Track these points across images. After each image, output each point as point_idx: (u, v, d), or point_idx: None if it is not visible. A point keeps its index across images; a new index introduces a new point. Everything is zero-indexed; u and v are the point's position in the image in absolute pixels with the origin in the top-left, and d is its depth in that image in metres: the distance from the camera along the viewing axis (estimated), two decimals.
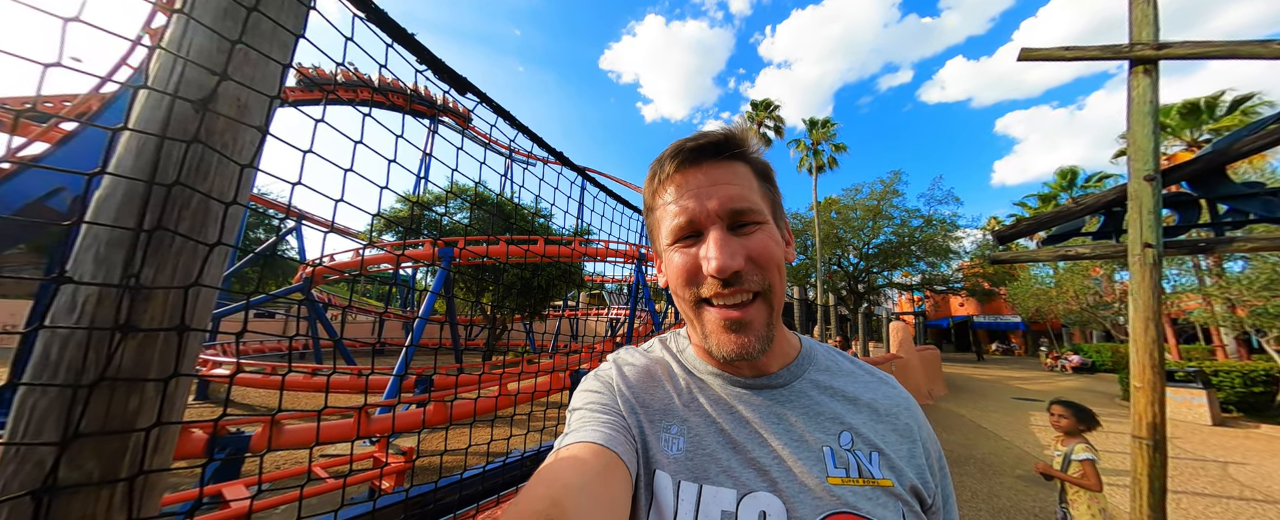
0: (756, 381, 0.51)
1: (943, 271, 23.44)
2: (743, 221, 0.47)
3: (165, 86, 0.56)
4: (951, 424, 7.33)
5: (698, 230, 0.47)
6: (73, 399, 0.47)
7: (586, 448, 0.43)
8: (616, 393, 0.52)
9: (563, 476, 0.39)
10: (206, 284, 0.58)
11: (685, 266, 0.47)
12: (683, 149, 0.49)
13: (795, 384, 0.52)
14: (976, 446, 5.85)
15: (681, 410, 0.50)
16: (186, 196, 0.56)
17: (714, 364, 0.53)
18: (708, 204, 0.46)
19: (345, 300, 16.95)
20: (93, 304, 0.49)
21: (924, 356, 11.32)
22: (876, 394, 0.53)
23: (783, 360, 0.53)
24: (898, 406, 0.53)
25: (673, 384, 0.53)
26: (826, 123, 23.21)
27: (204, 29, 0.58)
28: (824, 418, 0.49)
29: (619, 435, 0.46)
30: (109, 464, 0.49)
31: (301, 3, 0.69)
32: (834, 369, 0.55)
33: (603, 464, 0.41)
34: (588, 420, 0.48)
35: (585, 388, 0.54)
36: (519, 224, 9.67)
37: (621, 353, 0.59)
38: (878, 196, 22.53)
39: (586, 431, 0.45)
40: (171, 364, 0.54)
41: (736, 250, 0.45)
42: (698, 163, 0.48)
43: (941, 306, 32.23)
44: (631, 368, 0.55)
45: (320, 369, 7.98)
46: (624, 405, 0.50)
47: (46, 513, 0.44)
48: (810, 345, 0.57)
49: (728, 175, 0.48)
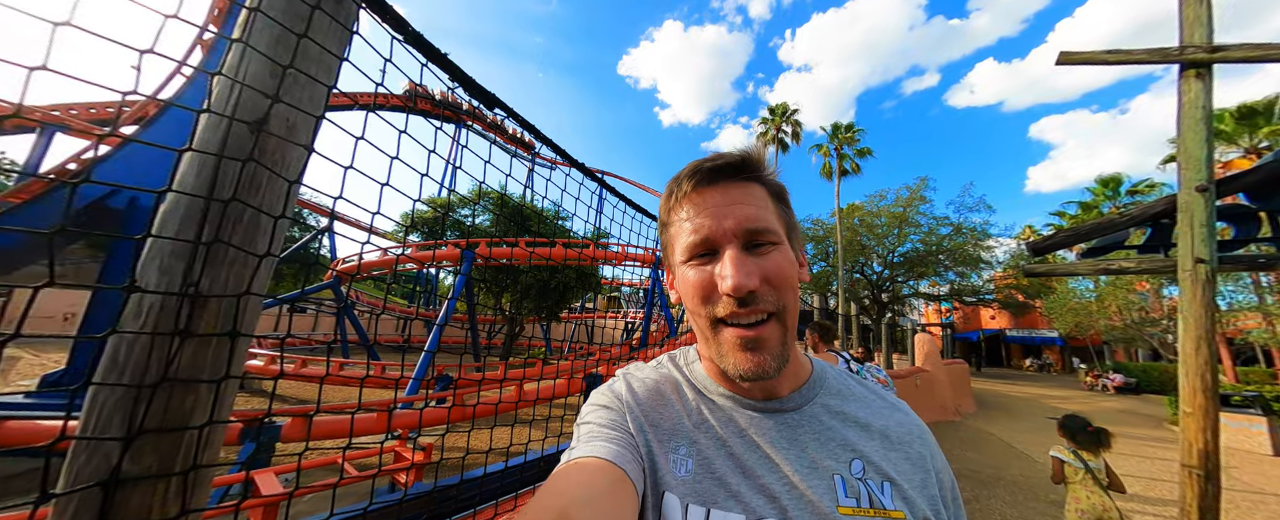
0: (768, 405, 0.51)
1: (973, 282, 22.54)
2: (758, 241, 0.47)
3: (224, 109, 0.61)
4: (980, 443, 6.99)
5: (713, 248, 0.48)
6: (137, 398, 0.52)
7: (595, 463, 0.43)
8: (626, 410, 0.52)
9: (572, 489, 0.39)
10: (256, 293, 0.62)
11: (700, 283, 0.47)
12: (701, 168, 0.49)
13: (807, 408, 0.51)
14: (1007, 468, 5.58)
15: (690, 430, 0.50)
16: (240, 211, 0.60)
17: (725, 384, 0.52)
18: (724, 223, 0.47)
19: (371, 297, 17.56)
20: (156, 311, 0.54)
21: (951, 371, 10.87)
22: (888, 420, 0.52)
23: (794, 383, 0.53)
24: (910, 434, 0.52)
25: (682, 403, 0.53)
26: (849, 127, 22.76)
27: (259, 56, 0.63)
28: (835, 444, 0.48)
29: (627, 453, 0.46)
30: (166, 459, 0.53)
31: (345, 28, 0.74)
32: (845, 393, 0.54)
33: (611, 480, 0.41)
34: (597, 434, 0.48)
35: (595, 402, 0.54)
36: (538, 227, 9.83)
37: (632, 368, 0.59)
38: (904, 203, 21.88)
39: (595, 446, 0.45)
40: (224, 367, 0.58)
41: (752, 270, 0.45)
42: (715, 182, 0.49)
43: (971, 319, 30.94)
44: (642, 384, 0.55)
45: (347, 363, 8.28)
46: (633, 423, 0.50)
47: (111, 502, 0.49)
48: (822, 368, 0.57)
49: (744, 195, 0.48)
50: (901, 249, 22.45)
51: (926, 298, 24.88)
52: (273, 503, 3.04)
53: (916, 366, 10.02)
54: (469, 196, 10.67)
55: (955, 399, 10.44)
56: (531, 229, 9.66)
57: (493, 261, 8.79)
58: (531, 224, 9.94)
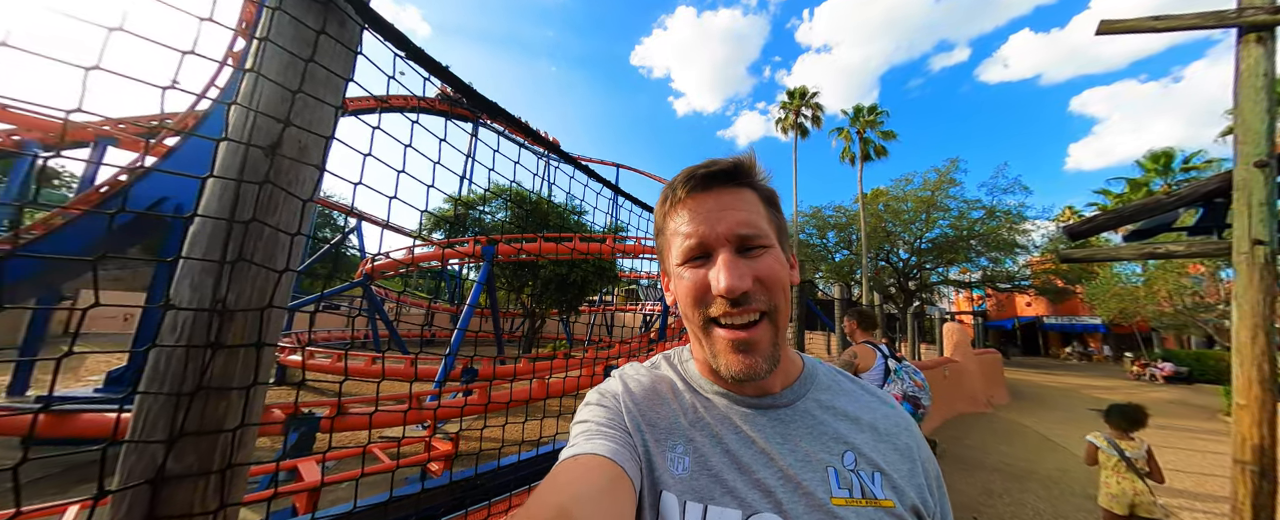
0: (761, 401, 0.52)
1: (1007, 268, 21.51)
2: (750, 245, 0.49)
3: (240, 137, 0.65)
4: (1014, 435, 6.71)
5: (707, 251, 0.49)
6: (176, 405, 0.57)
7: (594, 460, 0.44)
8: (623, 409, 0.53)
9: (572, 486, 0.40)
10: (278, 306, 0.67)
11: (694, 286, 0.49)
12: (694, 175, 0.51)
13: (799, 403, 0.53)
14: (1041, 461, 5.37)
15: (687, 429, 0.51)
16: (259, 230, 0.65)
17: (719, 383, 0.54)
18: (718, 227, 0.48)
19: (398, 293, 18.23)
20: (190, 325, 0.59)
21: (983, 361, 10.48)
22: (876, 414, 0.54)
23: (786, 380, 0.54)
24: (897, 426, 0.53)
25: (678, 402, 0.54)
26: (872, 110, 21.87)
27: (270, 83, 0.67)
28: (827, 437, 0.50)
29: (625, 451, 0.47)
30: (205, 458, 0.59)
31: (350, 49, 0.77)
32: (835, 388, 0.56)
33: (610, 477, 0.42)
34: (595, 433, 0.49)
35: (591, 402, 0.55)
36: (555, 222, 9.96)
37: (627, 369, 0.61)
38: (932, 186, 20.97)
39: (594, 444, 0.46)
40: (252, 374, 0.64)
41: (744, 272, 0.47)
42: (708, 188, 0.51)
43: (1005, 306, 29.59)
44: (638, 384, 0.56)
45: (378, 358, 8.66)
46: (630, 422, 0.51)
47: (158, 498, 0.54)
48: (812, 364, 0.59)
49: (736, 201, 0.50)
50: (930, 235, 21.62)
51: (957, 285, 23.93)
52: (312, 489, 3.25)
53: (945, 357, 9.70)
54: (489, 193, 10.92)
55: (987, 390, 10.08)
56: (550, 224, 9.80)
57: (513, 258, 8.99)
58: (550, 219, 10.07)
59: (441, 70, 0.89)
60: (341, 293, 12.69)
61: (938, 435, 6.13)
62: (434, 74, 0.89)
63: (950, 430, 6.74)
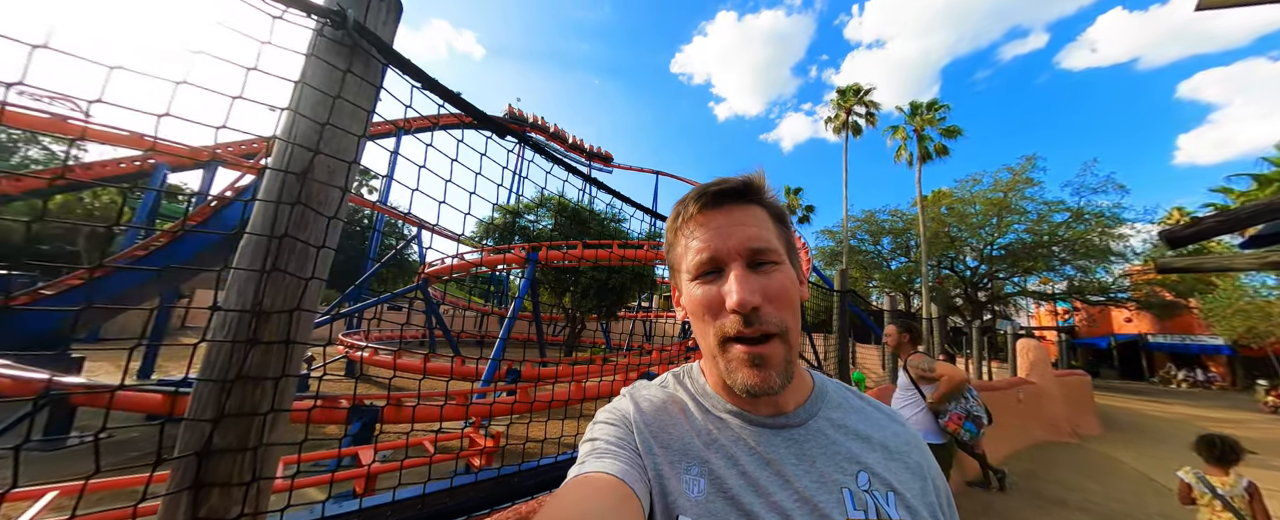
0: (775, 421, 0.52)
1: (1099, 278, 18.98)
2: (761, 261, 0.49)
3: (279, 165, 0.77)
4: (1106, 472, 5.78)
5: (719, 266, 0.50)
6: (221, 390, 0.69)
7: (604, 479, 0.44)
8: (633, 430, 0.52)
9: (580, 505, 0.40)
10: (306, 309, 0.78)
11: (706, 300, 0.49)
12: (706, 192, 0.53)
13: (812, 423, 0.52)
14: (1140, 504, 4.58)
15: (701, 450, 0.50)
16: (292, 244, 0.76)
17: (733, 402, 0.53)
18: (729, 242, 0.49)
19: (455, 297, 19.47)
20: (234, 324, 0.71)
21: (1067, 383, 9.29)
22: (887, 432, 0.54)
23: (798, 399, 0.54)
24: (908, 445, 0.53)
25: (690, 423, 0.53)
26: (933, 105, 20.28)
27: (304, 119, 0.79)
28: (841, 457, 0.50)
29: (635, 472, 0.47)
30: (242, 437, 0.70)
31: (372, 85, 0.88)
32: (846, 406, 0.56)
33: (620, 497, 0.42)
34: (605, 451, 0.49)
35: (601, 420, 0.55)
36: (595, 229, 10.22)
37: (637, 387, 0.60)
38: (1004, 187, 19.02)
39: (604, 463, 0.46)
40: (282, 367, 0.75)
41: (756, 287, 0.47)
42: (719, 205, 0.52)
43: (1099, 321, 25.98)
44: (649, 404, 0.56)
45: (432, 356, 9.29)
46: (641, 443, 0.51)
47: (204, 468, 0.66)
48: (823, 382, 0.59)
49: (747, 217, 0.51)
50: (1002, 240, 19.62)
51: (1037, 296, 21.43)
52: (371, 473, 3.57)
53: (1018, 377, 8.72)
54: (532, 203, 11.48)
55: (1072, 417, 8.90)
56: (590, 231, 10.08)
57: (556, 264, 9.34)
58: (590, 226, 10.36)
59: (453, 97, 0.98)
60: (403, 295, 13.81)
61: (1008, 465, 5.48)
62: (447, 100, 0.98)
63: (1024, 461, 6.01)
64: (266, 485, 0.74)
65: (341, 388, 9.56)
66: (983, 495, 4.50)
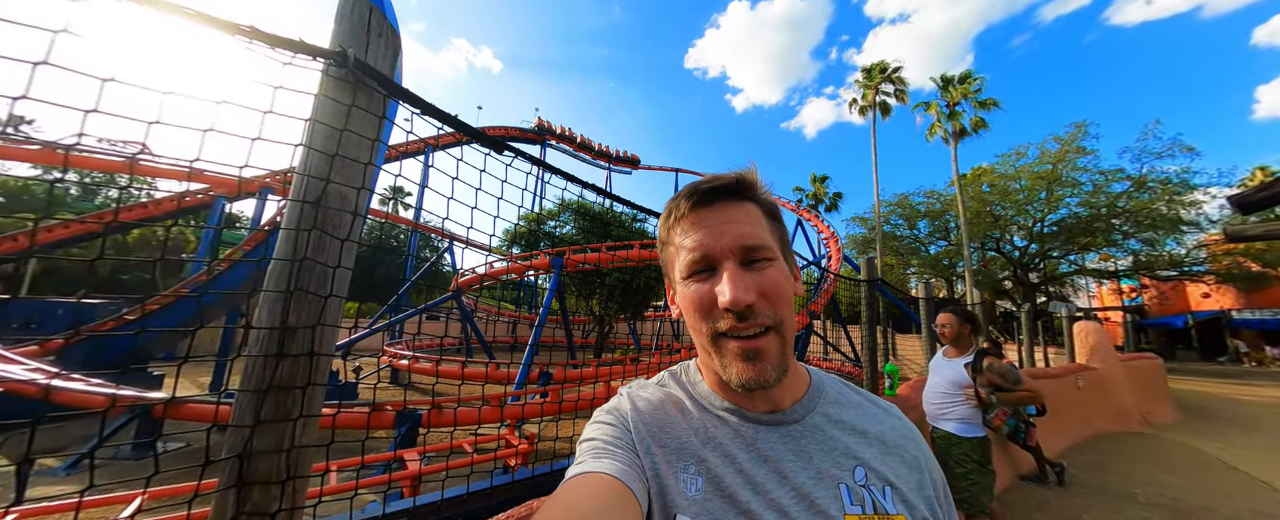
0: (771, 417, 0.52)
1: (1170, 250, 17.27)
2: (754, 258, 0.49)
3: (299, 196, 0.86)
4: (1183, 463, 5.25)
5: (712, 265, 0.50)
6: (258, 399, 0.77)
7: (602, 479, 0.44)
8: (631, 429, 0.53)
9: (578, 504, 0.40)
10: (327, 324, 0.86)
11: (700, 299, 0.49)
12: (697, 190, 0.53)
13: (808, 419, 0.52)
14: (1222, 499, 4.11)
15: (698, 448, 0.50)
16: (311, 266, 0.85)
17: (729, 399, 0.54)
18: (722, 240, 0.49)
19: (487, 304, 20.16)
20: (265, 340, 0.80)
21: (1134, 368, 8.55)
22: (883, 425, 0.54)
23: (795, 394, 0.54)
24: (904, 438, 0.53)
25: (688, 421, 0.53)
26: (966, 78, 19.16)
27: (316, 153, 0.87)
28: (837, 453, 0.50)
29: (632, 471, 0.47)
30: (277, 440, 0.78)
31: (376, 115, 0.96)
32: (842, 401, 0.56)
33: (618, 496, 0.42)
34: (602, 452, 0.49)
35: (599, 420, 0.55)
36: (617, 232, 10.33)
37: (634, 386, 0.60)
38: (1053, 158, 17.64)
39: (602, 463, 0.46)
40: (308, 377, 0.83)
41: (749, 285, 0.47)
42: (711, 202, 0.52)
43: (1172, 298, 23.70)
44: (646, 403, 0.56)
45: (470, 362, 9.66)
46: (639, 443, 0.51)
47: (246, 467, 0.74)
48: (820, 377, 0.59)
49: (740, 214, 0.51)
50: (1053, 216, 18.26)
51: (1097, 275, 19.79)
52: (418, 475, 3.78)
53: (1077, 363, 8.09)
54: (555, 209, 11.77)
55: (1142, 404, 8.18)
56: (613, 234, 10.21)
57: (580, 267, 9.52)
58: (612, 230, 10.49)
59: (450, 119, 1.05)
60: (439, 305, 14.44)
61: (1068, 458, 5.08)
62: (444, 122, 1.06)
63: (1086, 453, 5.58)
64: (301, 484, 0.82)
65: (388, 395, 10.11)
66: (1038, 491, 4.23)
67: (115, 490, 3.23)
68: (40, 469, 5.33)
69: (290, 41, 0.80)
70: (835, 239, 19.24)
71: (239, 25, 0.77)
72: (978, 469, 2.29)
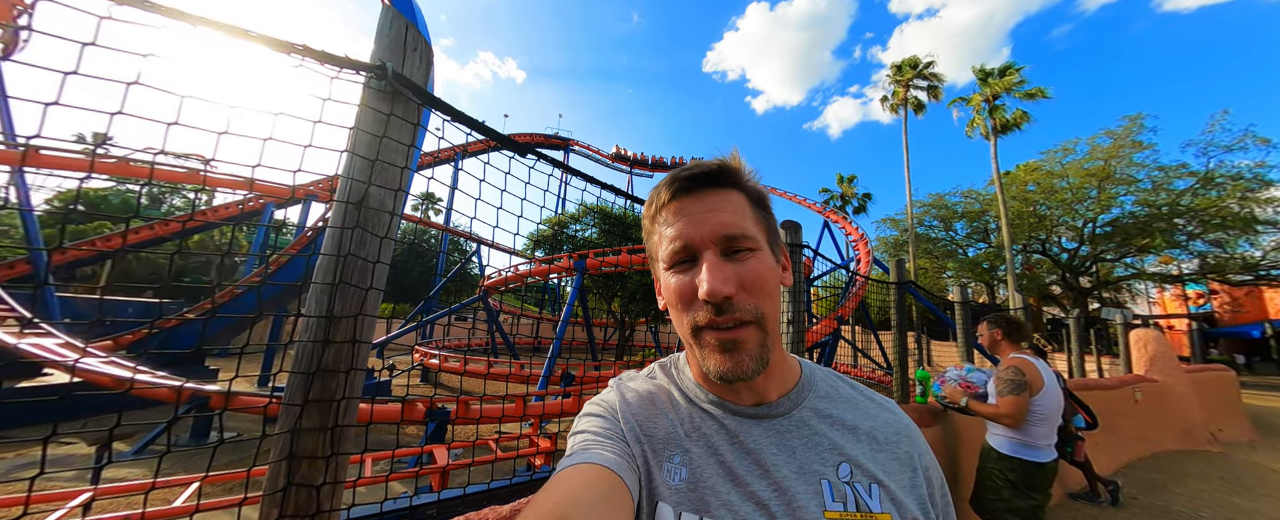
0: (757, 411, 0.51)
1: (1244, 252, 15.75)
2: (736, 248, 0.48)
3: (343, 198, 0.94)
4: (1256, 485, 4.76)
5: (693, 255, 0.48)
6: (307, 380, 0.85)
7: (593, 469, 0.44)
8: (620, 420, 0.53)
9: (572, 494, 0.40)
10: (368, 314, 0.94)
11: (680, 289, 0.49)
12: (679, 178, 0.51)
13: (795, 413, 0.52)
14: None
15: (683, 439, 0.51)
16: (354, 261, 0.92)
17: (715, 392, 0.53)
18: (702, 229, 0.48)
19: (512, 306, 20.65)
20: (314, 328, 0.88)
21: (1201, 380, 7.83)
22: (876, 421, 0.53)
23: (783, 388, 0.53)
24: (898, 434, 0.52)
25: (675, 412, 0.54)
26: (1007, 70, 18.15)
27: (359, 159, 0.96)
28: (822, 448, 0.49)
29: (624, 461, 0.47)
30: (322, 418, 0.86)
31: (411, 123, 1.04)
32: (834, 395, 0.55)
33: (609, 486, 0.42)
34: (593, 443, 0.49)
35: (588, 412, 0.55)
36: (636, 235, 10.41)
37: (624, 378, 0.61)
38: (1105, 154, 16.48)
39: (592, 454, 0.46)
40: (350, 362, 0.91)
41: (729, 276, 0.46)
42: (693, 191, 0.50)
43: (1246, 305, 21.61)
44: (635, 394, 0.56)
45: (496, 362, 9.93)
46: (629, 433, 0.51)
47: (295, 443, 0.82)
48: (811, 370, 0.58)
49: (722, 203, 0.49)
50: (1106, 215, 17.02)
51: (1158, 279, 18.27)
52: (447, 470, 3.93)
53: (1134, 374, 7.50)
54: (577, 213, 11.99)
55: (1210, 420, 7.49)
56: (633, 236, 10.29)
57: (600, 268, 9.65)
58: (631, 233, 10.56)
59: (478, 124, 1.12)
60: (467, 306, 14.92)
61: (1123, 476, 4.69)
62: (472, 128, 1.13)
63: (1145, 471, 5.15)
64: (343, 460, 0.90)
65: (419, 392, 10.51)
66: (1088, 509, 3.95)
67: (176, 474, 3.52)
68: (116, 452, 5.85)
69: (337, 58, 0.89)
70: (864, 241, 18.62)
71: (292, 44, 0.86)
72: (1011, 490, 2.08)
